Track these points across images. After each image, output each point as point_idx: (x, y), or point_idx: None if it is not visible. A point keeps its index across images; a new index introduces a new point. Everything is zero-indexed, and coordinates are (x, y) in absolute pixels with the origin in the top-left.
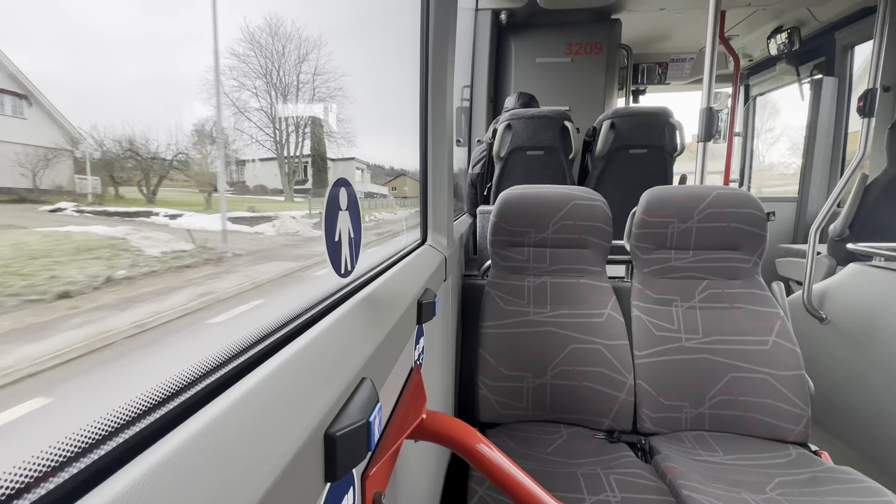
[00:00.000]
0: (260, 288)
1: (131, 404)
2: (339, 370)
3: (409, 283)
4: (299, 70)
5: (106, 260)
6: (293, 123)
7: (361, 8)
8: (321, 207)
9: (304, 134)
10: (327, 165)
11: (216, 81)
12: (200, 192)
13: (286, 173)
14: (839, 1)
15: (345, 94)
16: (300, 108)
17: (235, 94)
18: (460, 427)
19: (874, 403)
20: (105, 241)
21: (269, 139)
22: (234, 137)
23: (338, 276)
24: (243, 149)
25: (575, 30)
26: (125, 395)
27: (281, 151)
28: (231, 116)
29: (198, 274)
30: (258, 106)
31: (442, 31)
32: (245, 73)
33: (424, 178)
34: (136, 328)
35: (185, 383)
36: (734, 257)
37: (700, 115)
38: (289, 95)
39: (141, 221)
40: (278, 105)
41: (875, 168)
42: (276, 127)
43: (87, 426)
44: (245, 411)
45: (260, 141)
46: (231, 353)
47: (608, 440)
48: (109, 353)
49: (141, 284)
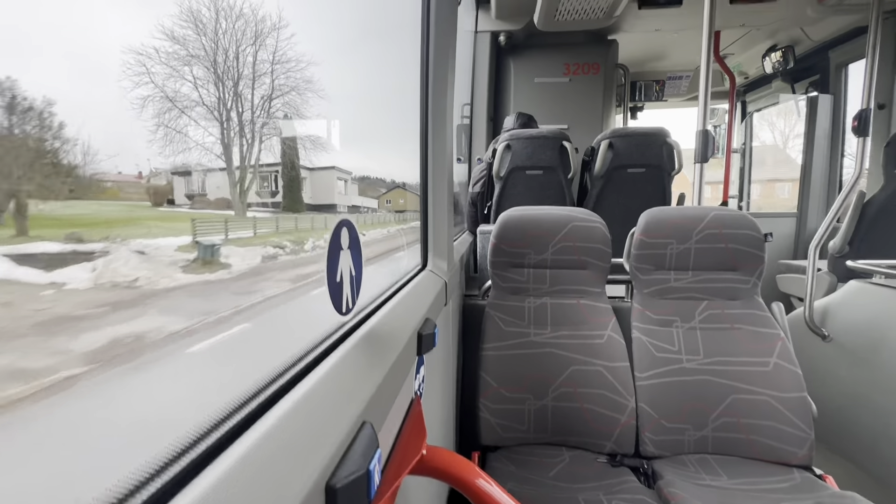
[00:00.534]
0: None
1: (138, 469)
2: (340, 416)
3: (409, 314)
4: (255, 51)
5: None
6: (249, 122)
7: (362, 25)
8: (294, 224)
9: (260, 135)
10: (298, 174)
11: None
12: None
13: (235, 182)
14: (831, 21)
15: (313, 89)
16: (258, 104)
17: (167, 82)
18: (460, 463)
19: (880, 424)
20: None
21: (216, 141)
22: (165, 136)
23: (339, 315)
24: (182, 154)
25: (572, 50)
26: (130, 462)
27: (229, 156)
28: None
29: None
30: (200, 99)
31: (441, 61)
32: (184, 58)
33: (425, 203)
34: None
35: (190, 442)
36: (733, 278)
37: (696, 137)
38: (244, 88)
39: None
40: (229, 100)
41: (873, 184)
42: (224, 126)
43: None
44: (249, 468)
45: (204, 145)
46: (236, 405)
47: (610, 464)
48: None
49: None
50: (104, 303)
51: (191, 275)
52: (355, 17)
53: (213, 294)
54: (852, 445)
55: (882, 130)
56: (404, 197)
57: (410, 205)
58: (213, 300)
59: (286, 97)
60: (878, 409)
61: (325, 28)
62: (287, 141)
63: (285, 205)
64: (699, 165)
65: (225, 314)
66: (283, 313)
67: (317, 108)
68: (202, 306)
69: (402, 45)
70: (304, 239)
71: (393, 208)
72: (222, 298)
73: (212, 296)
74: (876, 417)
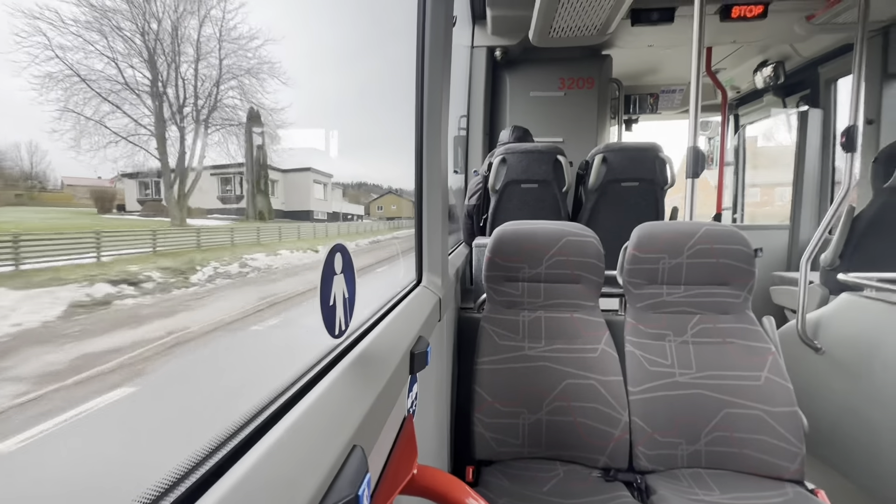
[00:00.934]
0: None
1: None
2: (330, 440)
3: (402, 333)
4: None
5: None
6: (192, 107)
7: (360, 35)
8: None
9: (205, 125)
10: (265, 176)
11: None
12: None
13: (169, 183)
14: (820, 38)
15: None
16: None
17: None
18: (450, 482)
19: (871, 437)
20: None
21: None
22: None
23: (331, 338)
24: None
25: (567, 65)
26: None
27: (164, 151)
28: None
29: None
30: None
31: (437, 76)
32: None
33: (419, 217)
34: None
35: (175, 479)
36: (724, 292)
37: (687, 153)
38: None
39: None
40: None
41: (863, 197)
42: (157, 114)
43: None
44: (241, 498)
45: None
46: (226, 435)
47: (604, 479)
48: None
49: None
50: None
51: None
52: (353, 25)
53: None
54: (845, 460)
55: (871, 144)
56: (397, 203)
57: (404, 211)
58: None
59: (239, 80)
60: (870, 423)
61: (322, 37)
62: (249, 137)
63: (253, 211)
64: (690, 181)
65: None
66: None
67: (285, 96)
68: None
69: (398, 57)
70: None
71: (385, 215)
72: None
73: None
74: (868, 432)
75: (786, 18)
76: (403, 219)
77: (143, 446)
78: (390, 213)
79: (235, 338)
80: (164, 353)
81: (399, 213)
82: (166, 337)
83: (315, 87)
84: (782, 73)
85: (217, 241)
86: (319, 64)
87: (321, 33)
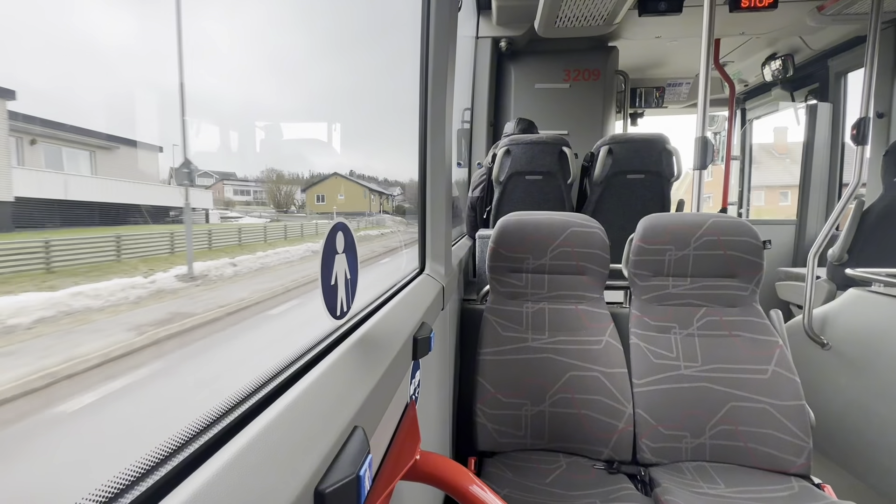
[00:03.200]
0: None
1: (121, 475)
2: (331, 421)
3: (405, 318)
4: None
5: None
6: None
7: (364, 23)
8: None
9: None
10: None
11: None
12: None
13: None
14: (831, 30)
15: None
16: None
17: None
18: (454, 468)
19: (878, 433)
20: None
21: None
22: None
23: (332, 319)
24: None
25: (573, 57)
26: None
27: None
28: None
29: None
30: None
31: (441, 66)
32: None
33: (423, 206)
34: None
35: (177, 446)
36: (731, 285)
37: (695, 144)
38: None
39: None
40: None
41: (872, 192)
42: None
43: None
44: (236, 473)
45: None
46: (225, 408)
47: (608, 471)
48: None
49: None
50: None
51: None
52: (354, 17)
53: None
54: (851, 455)
55: (881, 139)
56: (345, 189)
57: (358, 205)
58: None
59: None
60: (877, 419)
61: (323, 28)
62: None
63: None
64: (697, 172)
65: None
66: None
67: None
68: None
69: (402, 48)
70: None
71: (325, 210)
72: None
73: None
74: (874, 427)
75: (796, 8)
76: (356, 214)
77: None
78: (337, 206)
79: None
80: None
81: (352, 205)
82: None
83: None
84: (791, 67)
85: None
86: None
87: (323, 24)
